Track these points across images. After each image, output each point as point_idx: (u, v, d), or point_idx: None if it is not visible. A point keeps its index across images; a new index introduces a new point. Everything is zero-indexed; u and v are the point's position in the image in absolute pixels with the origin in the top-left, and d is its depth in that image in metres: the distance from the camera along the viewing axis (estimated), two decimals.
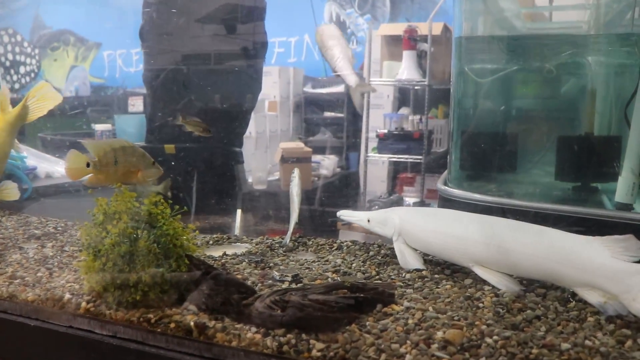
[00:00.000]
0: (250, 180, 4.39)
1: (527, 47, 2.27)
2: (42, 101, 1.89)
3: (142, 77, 2.59)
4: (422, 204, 4.36)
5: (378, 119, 4.84)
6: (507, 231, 1.37)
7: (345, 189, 4.16)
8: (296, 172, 1.74)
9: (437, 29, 4.17)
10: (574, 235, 1.29)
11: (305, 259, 1.66)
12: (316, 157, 4.75)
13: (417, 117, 4.60)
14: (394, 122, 4.63)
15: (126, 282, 1.26)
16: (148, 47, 2.51)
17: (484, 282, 1.39)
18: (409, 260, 1.52)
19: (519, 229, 1.37)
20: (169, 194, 1.62)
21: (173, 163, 2.33)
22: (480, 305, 1.27)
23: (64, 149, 1.47)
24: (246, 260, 1.62)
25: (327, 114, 5.41)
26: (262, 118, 5.02)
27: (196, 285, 1.28)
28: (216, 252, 1.70)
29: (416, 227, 1.53)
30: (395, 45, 4.55)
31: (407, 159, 4.44)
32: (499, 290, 1.34)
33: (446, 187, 2.15)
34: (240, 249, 1.76)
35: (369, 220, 1.62)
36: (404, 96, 5.09)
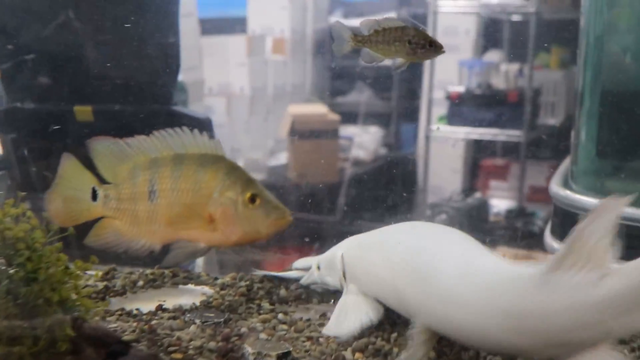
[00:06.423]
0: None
1: None
2: None
3: None
4: (520, 211, 4.30)
5: (450, 70, 4.85)
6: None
7: (392, 182, 4.07)
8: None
9: None
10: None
11: (309, 319, 1.54)
12: (347, 130, 4.86)
13: (515, 66, 4.60)
14: (476, 75, 4.66)
15: None
16: None
17: None
18: (349, 319, 1.45)
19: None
20: None
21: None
22: None
23: None
24: (197, 321, 1.54)
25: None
26: (262, 65, 5.08)
27: None
28: (147, 303, 1.63)
29: (363, 259, 1.48)
30: None
31: (496, 135, 4.44)
32: None
33: (568, 191, 2.10)
34: (192, 296, 1.69)
35: (319, 268, 1.65)
36: (492, 32, 5.11)
